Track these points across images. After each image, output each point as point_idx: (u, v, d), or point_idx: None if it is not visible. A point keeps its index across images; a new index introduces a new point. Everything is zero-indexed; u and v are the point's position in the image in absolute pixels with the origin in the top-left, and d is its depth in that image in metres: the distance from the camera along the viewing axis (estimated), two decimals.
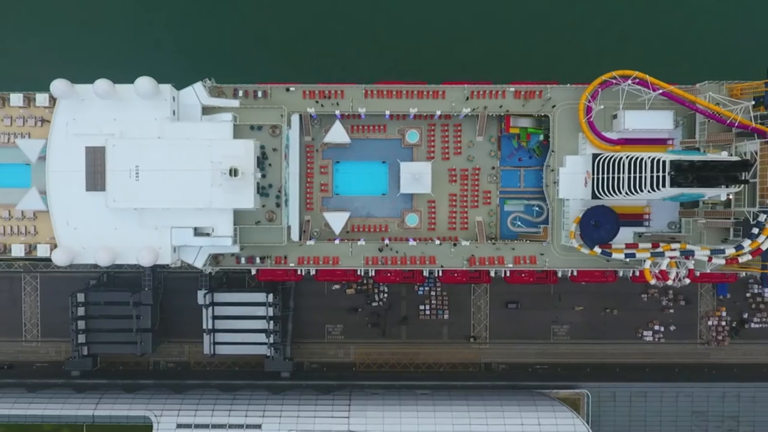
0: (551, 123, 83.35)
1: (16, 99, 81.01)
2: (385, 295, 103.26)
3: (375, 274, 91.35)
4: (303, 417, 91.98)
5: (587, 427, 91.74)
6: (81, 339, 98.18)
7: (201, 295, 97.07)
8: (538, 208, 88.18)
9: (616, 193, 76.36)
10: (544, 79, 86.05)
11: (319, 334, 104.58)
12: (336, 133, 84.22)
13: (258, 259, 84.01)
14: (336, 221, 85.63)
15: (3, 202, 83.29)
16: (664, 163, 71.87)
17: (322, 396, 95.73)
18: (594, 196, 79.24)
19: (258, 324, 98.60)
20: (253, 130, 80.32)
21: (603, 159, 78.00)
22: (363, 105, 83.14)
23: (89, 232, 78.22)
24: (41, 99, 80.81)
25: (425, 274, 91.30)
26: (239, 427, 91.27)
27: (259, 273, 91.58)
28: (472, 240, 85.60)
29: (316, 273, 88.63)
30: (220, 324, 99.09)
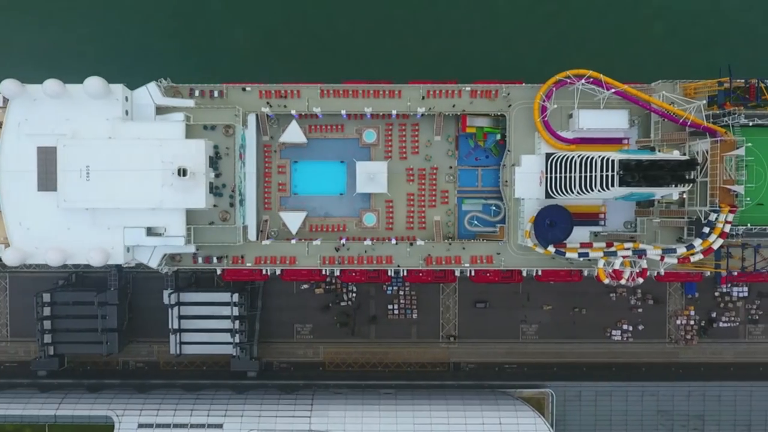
0: (508, 122, 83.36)
1: None
2: (354, 294, 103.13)
3: (340, 273, 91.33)
4: (265, 416, 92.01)
5: (548, 426, 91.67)
6: (47, 339, 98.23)
7: (166, 295, 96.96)
8: (495, 208, 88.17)
9: (568, 193, 76.37)
10: (504, 78, 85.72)
11: (288, 334, 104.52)
12: (292, 133, 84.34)
13: (215, 259, 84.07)
14: (292, 221, 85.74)
15: None
16: (613, 162, 71.83)
17: (285, 396, 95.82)
18: (547, 195, 79.34)
19: (224, 324, 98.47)
20: (206, 130, 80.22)
21: (556, 158, 78.05)
22: (318, 105, 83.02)
23: (42, 233, 78.34)
24: None
25: (390, 273, 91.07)
26: (201, 426, 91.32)
27: (225, 273, 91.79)
28: (428, 239, 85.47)
29: (281, 273, 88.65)
30: (187, 324, 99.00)
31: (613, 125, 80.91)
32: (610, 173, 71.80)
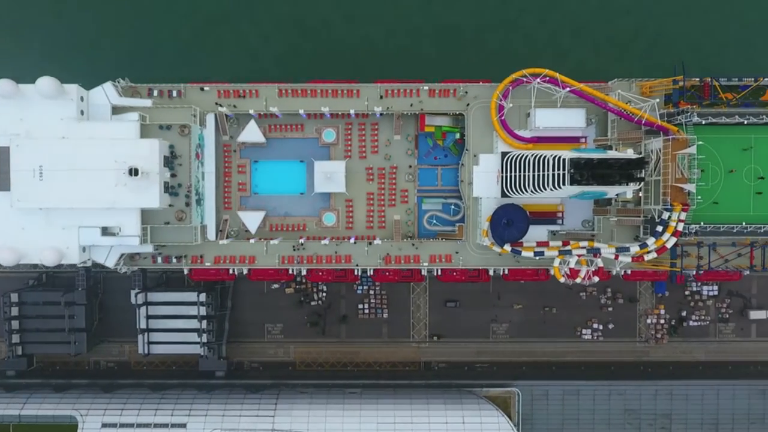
0: (466, 121, 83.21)
1: None
2: (324, 294, 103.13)
3: (307, 273, 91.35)
4: (228, 416, 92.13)
5: (511, 425, 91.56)
6: (15, 339, 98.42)
7: (133, 295, 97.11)
8: (455, 207, 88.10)
9: (523, 191, 76.38)
10: (467, 78, 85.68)
11: (258, 334, 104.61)
12: (250, 133, 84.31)
13: (174, 259, 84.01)
14: (251, 220, 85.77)
15: None
16: (564, 161, 71.69)
17: (250, 395, 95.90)
18: (503, 194, 79.26)
19: (191, 323, 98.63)
20: (162, 130, 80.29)
21: (511, 157, 78.02)
22: (276, 104, 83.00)
23: None
24: None
25: (356, 273, 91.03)
26: (164, 426, 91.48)
27: (192, 272, 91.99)
28: (388, 239, 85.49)
29: (248, 272, 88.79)
30: (155, 323, 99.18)
31: (570, 124, 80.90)
32: (561, 172, 71.78)
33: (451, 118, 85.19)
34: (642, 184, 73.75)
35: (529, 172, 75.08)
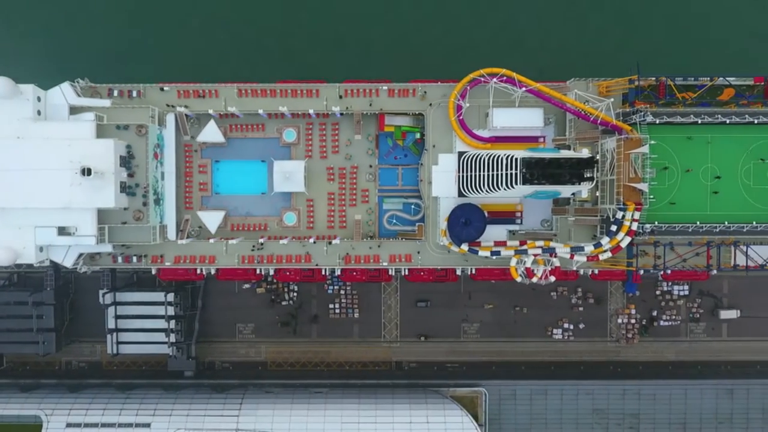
0: (426, 121, 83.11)
1: None
2: (296, 294, 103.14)
3: (275, 272, 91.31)
4: (193, 415, 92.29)
5: (475, 425, 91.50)
6: None
7: (101, 295, 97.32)
8: (415, 207, 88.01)
9: (478, 191, 76.27)
10: (427, 77, 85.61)
11: (230, 333, 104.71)
12: (210, 133, 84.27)
13: (134, 259, 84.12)
14: (211, 220, 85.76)
15: None
16: (516, 160, 71.64)
17: (216, 395, 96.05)
18: (460, 194, 79.19)
19: (160, 323, 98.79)
20: (119, 130, 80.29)
21: (467, 157, 77.99)
22: (236, 104, 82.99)
23: None
24: None
25: (324, 273, 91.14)
26: (129, 426, 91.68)
27: (160, 272, 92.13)
28: (348, 238, 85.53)
29: (217, 272, 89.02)
30: (124, 323, 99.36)
31: (529, 123, 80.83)
32: (514, 171, 71.74)
33: (411, 118, 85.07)
34: (594, 183, 73.38)
35: (484, 171, 75.05)
